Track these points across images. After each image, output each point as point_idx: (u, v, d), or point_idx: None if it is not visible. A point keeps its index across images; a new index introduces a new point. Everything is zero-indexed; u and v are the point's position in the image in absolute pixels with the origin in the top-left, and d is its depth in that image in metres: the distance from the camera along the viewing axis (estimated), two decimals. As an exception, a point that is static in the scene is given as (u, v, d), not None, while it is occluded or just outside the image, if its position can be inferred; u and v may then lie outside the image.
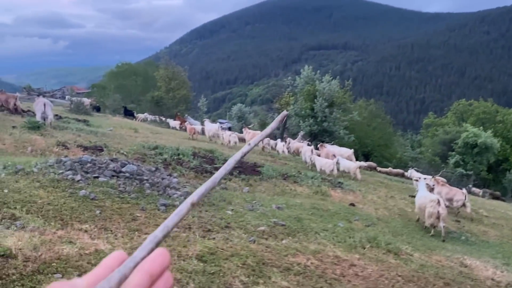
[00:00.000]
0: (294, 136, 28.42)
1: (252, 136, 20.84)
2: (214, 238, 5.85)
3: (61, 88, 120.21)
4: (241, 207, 7.91)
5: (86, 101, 37.75)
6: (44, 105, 14.20)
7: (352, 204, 10.51)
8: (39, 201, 5.80)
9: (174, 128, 28.55)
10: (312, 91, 26.79)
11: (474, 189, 30.35)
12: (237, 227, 6.58)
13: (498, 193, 35.38)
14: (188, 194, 7.36)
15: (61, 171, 6.88)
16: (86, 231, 5.19)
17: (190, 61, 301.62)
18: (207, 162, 11.98)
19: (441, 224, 9.99)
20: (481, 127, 37.42)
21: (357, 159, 28.21)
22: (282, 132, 30.22)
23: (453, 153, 35.97)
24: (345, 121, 27.24)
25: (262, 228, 6.79)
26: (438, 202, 10.26)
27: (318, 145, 20.43)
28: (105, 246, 4.74)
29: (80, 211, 5.77)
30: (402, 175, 35.69)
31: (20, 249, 4.16)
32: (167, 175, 8.16)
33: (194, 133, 21.61)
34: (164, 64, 36.40)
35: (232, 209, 7.52)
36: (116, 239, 5.11)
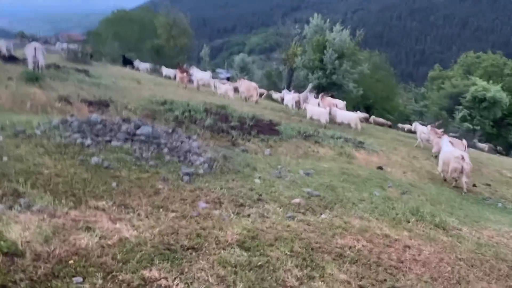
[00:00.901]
0: (301, 88, 27.29)
1: (248, 87, 20.07)
2: (249, 216, 5.06)
3: (55, 34, 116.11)
4: (268, 174, 7.11)
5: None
6: (35, 49, 13.61)
7: (380, 168, 9.77)
8: (46, 171, 4.92)
9: (167, 76, 26.83)
10: (322, 42, 25.33)
11: (479, 144, 29.77)
12: (270, 200, 5.80)
13: (500, 148, 34.91)
14: (211, 160, 6.50)
15: (67, 134, 5.96)
16: (103, 209, 4.36)
17: (186, 7, 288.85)
18: (221, 120, 11.05)
19: (464, 179, 10.12)
20: (490, 81, 36.27)
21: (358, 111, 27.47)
22: (288, 84, 29.06)
23: (460, 107, 35.01)
24: (354, 73, 26.01)
25: (297, 200, 6.01)
26: (462, 157, 10.37)
27: (320, 96, 19.80)
28: (129, 232, 3.92)
29: (94, 184, 4.92)
30: (390, 126, 34.88)
31: (28, 242, 3.32)
32: (186, 138, 7.24)
33: (183, 81, 21.01)
34: (164, 11, 34.27)
35: (260, 177, 6.70)
36: (140, 220, 4.29)
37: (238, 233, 4.37)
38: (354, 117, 17.08)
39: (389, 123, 33.81)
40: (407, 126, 29.57)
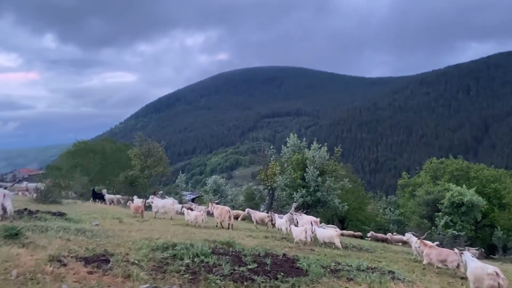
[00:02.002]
0: (283, 208, 26.36)
1: (220, 211, 19.09)
2: None
3: (12, 170, 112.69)
4: None
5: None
6: (4, 196, 13.02)
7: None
8: None
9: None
10: (302, 160, 25.24)
11: (472, 250, 29.04)
12: None
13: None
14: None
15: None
16: None
17: (146, 135, 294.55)
18: (234, 262, 9.57)
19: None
20: (463, 185, 37.05)
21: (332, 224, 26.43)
22: (270, 204, 28.11)
23: (440, 213, 34.94)
24: (337, 189, 25.63)
25: None
26: (497, 274, 9.58)
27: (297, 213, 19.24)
28: None
29: None
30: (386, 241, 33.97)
31: None
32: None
33: (140, 211, 20.10)
34: (138, 141, 33.93)
35: None
36: None
37: None
38: (334, 234, 15.86)
39: (387, 237, 32.63)
40: (398, 237, 28.55)
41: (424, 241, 14.73)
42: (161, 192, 30.64)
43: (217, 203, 21.19)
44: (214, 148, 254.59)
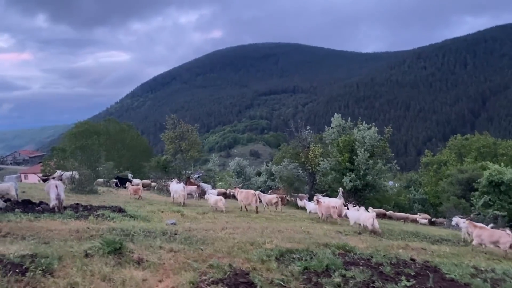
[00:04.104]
0: (322, 193, 24.82)
1: (246, 195, 19.37)
2: None
3: (12, 152, 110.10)
4: None
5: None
6: (57, 186, 12.98)
7: None
8: None
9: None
10: (349, 141, 23.58)
11: (515, 229, 27.98)
12: None
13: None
14: None
15: None
16: None
17: (143, 114, 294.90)
18: (381, 277, 7.96)
19: None
20: (502, 164, 35.67)
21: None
22: (311, 188, 26.57)
23: (476, 193, 33.70)
24: (388, 172, 24.11)
25: None
26: None
27: (315, 199, 19.02)
28: None
29: None
30: (432, 222, 32.86)
31: None
32: None
33: (137, 193, 20.52)
34: (171, 124, 31.86)
35: None
36: None
37: None
38: (369, 216, 15.21)
39: (442, 220, 31.29)
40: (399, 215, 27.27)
41: (473, 222, 14.52)
42: (196, 176, 29.16)
43: (240, 187, 22.00)
44: (211, 126, 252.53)
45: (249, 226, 12.44)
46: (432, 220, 33.01)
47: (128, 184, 25.14)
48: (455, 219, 19.46)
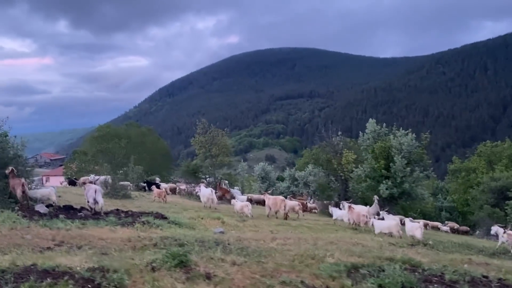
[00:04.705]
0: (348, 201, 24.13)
1: (274, 201, 19.32)
2: None
3: (34, 155, 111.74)
4: None
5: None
6: (95, 191, 13.30)
7: None
8: None
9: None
10: (385, 148, 22.89)
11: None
12: None
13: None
14: None
15: None
16: None
17: (160, 118, 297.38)
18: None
19: None
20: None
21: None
22: (343, 197, 25.89)
23: (511, 202, 32.52)
24: (424, 179, 23.34)
25: None
26: None
27: (347, 205, 18.85)
28: None
29: None
30: (466, 233, 31.82)
31: None
32: None
33: (163, 196, 21.18)
34: (201, 129, 31.54)
35: None
36: None
37: None
38: (394, 224, 15.42)
39: (466, 228, 30.35)
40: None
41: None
42: (226, 181, 28.87)
43: (270, 193, 22.55)
44: (228, 130, 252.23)
45: (298, 237, 11.91)
46: (455, 228, 32.02)
47: (153, 187, 25.08)
48: (494, 228, 18.96)
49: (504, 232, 16.99)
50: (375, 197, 21.44)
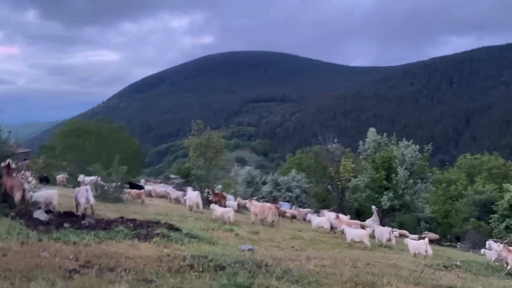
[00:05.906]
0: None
1: (262, 209, 18.61)
2: None
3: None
4: None
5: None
6: (87, 191, 13.01)
7: None
8: None
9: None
10: (387, 158, 22.32)
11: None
12: None
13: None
14: None
15: None
16: None
17: (129, 115, 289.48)
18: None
19: None
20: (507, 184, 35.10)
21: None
22: (339, 206, 25.20)
23: (496, 215, 32.87)
24: (425, 192, 22.92)
25: None
26: None
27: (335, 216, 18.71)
28: None
29: None
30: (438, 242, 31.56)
31: None
32: None
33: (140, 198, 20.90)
34: (196, 130, 29.87)
35: None
36: None
37: None
38: (364, 234, 15.54)
39: (436, 236, 30.21)
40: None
41: (507, 246, 14.22)
42: (220, 186, 27.56)
43: (256, 199, 21.73)
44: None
45: (333, 256, 10.90)
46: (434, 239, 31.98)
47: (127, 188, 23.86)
48: (489, 242, 19.44)
49: (500, 244, 16.84)
50: (374, 208, 20.85)
